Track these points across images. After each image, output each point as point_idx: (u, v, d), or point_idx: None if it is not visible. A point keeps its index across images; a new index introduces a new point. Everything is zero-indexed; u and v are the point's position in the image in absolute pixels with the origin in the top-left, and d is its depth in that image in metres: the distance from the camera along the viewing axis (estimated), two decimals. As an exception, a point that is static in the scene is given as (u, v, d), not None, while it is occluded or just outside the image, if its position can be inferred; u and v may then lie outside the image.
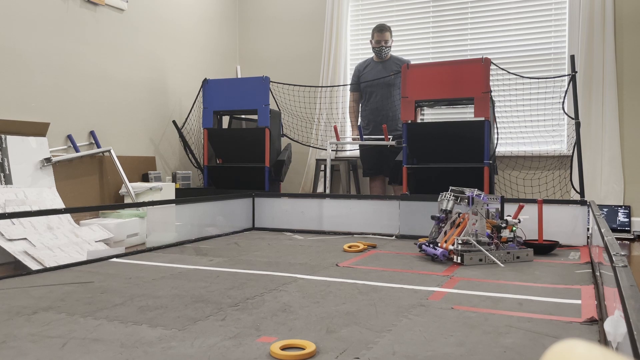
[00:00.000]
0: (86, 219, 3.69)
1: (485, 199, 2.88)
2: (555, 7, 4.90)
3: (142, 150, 4.82)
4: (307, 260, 2.91)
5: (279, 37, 6.00)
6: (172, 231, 3.57)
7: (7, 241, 2.89)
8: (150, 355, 1.45)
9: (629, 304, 0.99)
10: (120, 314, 1.84)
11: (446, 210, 2.94)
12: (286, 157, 4.91)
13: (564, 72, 4.81)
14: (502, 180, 4.90)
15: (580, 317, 1.80)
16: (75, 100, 4.15)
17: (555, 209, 3.45)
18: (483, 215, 2.85)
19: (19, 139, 3.58)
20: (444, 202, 2.97)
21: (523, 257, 2.86)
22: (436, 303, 1.98)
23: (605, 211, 4.42)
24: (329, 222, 4.08)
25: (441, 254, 2.80)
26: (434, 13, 5.34)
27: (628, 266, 1.36)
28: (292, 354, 1.42)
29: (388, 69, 4.87)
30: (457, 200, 2.95)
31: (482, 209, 2.85)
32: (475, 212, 2.82)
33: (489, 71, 4.07)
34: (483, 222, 2.85)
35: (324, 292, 2.15)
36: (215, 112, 4.98)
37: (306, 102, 5.60)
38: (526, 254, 2.86)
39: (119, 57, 4.55)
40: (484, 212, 2.87)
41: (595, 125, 4.62)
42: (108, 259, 2.96)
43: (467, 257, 2.75)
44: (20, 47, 3.73)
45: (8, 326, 1.71)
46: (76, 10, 4.15)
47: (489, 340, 1.56)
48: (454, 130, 4.23)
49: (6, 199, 3.19)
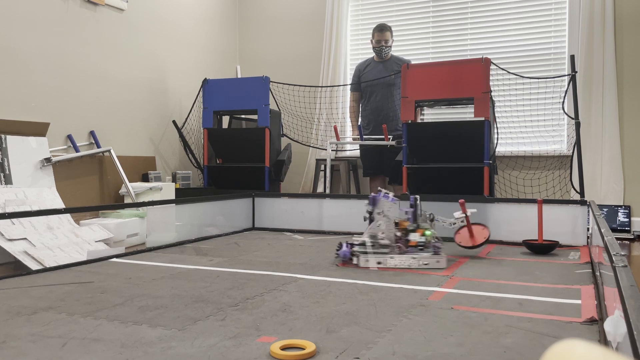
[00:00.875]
0: (86, 219, 3.69)
1: (394, 200, 2.82)
2: (555, 7, 4.90)
3: (142, 150, 4.82)
4: (307, 260, 2.91)
5: (279, 37, 6.00)
6: (172, 231, 3.57)
7: (7, 241, 2.89)
8: (150, 355, 1.45)
9: (629, 304, 0.99)
10: (120, 314, 1.84)
11: (369, 211, 2.87)
12: (286, 157, 4.91)
13: (564, 72, 4.81)
14: (502, 180, 4.90)
15: (580, 317, 1.80)
16: (75, 100, 4.15)
17: (555, 209, 3.45)
18: (389, 217, 2.77)
19: (19, 139, 3.58)
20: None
21: (432, 264, 2.67)
22: (436, 303, 1.98)
23: (605, 211, 4.42)
24: (329, 222, 4.08)
25: (342, 253, 2.75)
26: (434, 13, 5.34)
27: (628, 266, 1.36)
28: (292, 354, 1.42)
29: (389, 68, 4.87)
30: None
31: (390, 210, 2.78)
32: (380, 213, 2.77)
33: (489, 71, 4.07)
34: (389, 224, 2.77)
35: (324, 292, 2.15)
36: (215, 112, 4.98)
37: (306, 102, 5.60)
38: (436, 261, 2.68)
39: (119, 57, 4.55)
40: (393, 214, 2.78)
41: (595, 125, 4.62)
42: (108, 259, 2.96)
43: (362, 259, 2.70)
44: (20, 47, 3.73)
45: (8, 326, 1.71)
46: (76, 10, 4.15)
47: (489, 340, 1.56)
48: (454, 130, 4.23)
49: (6, 199, 3.19)
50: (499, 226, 3.58)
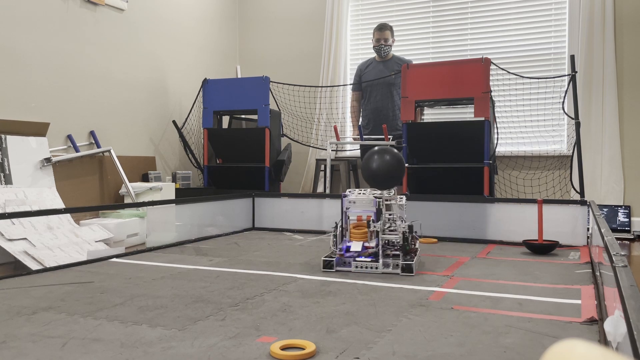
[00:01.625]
0: (86, 219, 3.69)
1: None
2: (555, 7, 4.90)
3: (142, 150, 4.82)
4: (307, 260, 2.91)
5: (279, 37, 6.00)
6: (172, 231, 3.57)
7: (7, 241, 2.90)
8: (150, 355, 1.45)
9: (629, 304, 0.99)
10: (120, 314, 1.84)
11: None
12: (286, 157, 4.91)
13: (564, 72, 4.81)
14: (502, 180, 4.90)
15: (580, 317, 1.80)
16: (75, 100, 4.15)
17: (555, 209, 3.45)
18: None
19: (19, 139, 3.58)
20: None
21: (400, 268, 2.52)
22: (436, 303, 1.98)
23: (605, 211, 4.42)
24: (329, 222, 4.08)
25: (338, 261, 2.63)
26: (434, 13, 5.34)
27: (628, 266, 1.36)
28: (292, 354, 1.42)
29: (389, 68, 4.87)
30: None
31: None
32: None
33: (489, 71, 4.07)
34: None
35: (324, 292, 2.15)
36: (215, 112, 4.98)
37: (306, 102, 5.60)
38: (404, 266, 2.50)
39: (119, 57, 4.55)
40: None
41: (595, 125, 4.62)
42: (108, 259, 2.96)
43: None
44: (20, 47, 3.73)
45: (8, 326, 1.71)
46: (76, 10, 4.15)
47: (489, 340, 1.56)
48: (454, 130, 4.23)
49: (6, 199, 3.19)
50: (499, 226, 3.58)
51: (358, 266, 2.52)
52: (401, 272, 2.47)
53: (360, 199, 2.63)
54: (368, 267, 2.51)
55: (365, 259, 2.52)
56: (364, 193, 2.67)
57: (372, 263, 2.50)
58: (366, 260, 2.51)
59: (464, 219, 3.67)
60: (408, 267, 2.48)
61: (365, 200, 2.62)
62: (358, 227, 2.62)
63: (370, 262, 2.50)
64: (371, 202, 2.61)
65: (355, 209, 2.64)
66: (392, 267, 2.49)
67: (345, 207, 2.67)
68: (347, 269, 2.55)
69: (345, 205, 2.67)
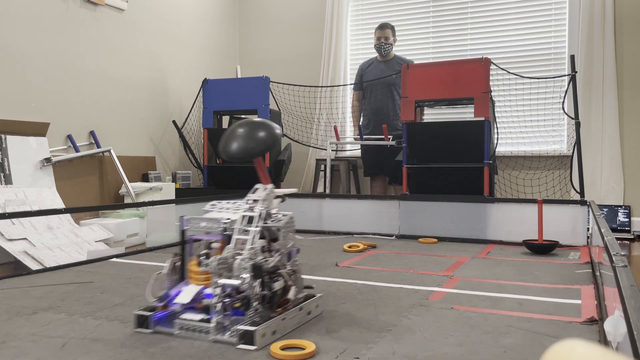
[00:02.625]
0: (86, 219, 3.69)
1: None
2: (555, 7, 4.90)
3: (142, 150, 4.82)
4: (307, 260, 2.91)
5: (279, 37, 6.00)
6: (172, 231, 3.57)
7: (7, 241, 2.89)
8: (150, 355, 1.45)
9: (629, 304, 0.99)
10: (120, 314, 1.84)
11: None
12: (286, 157, 4.91)
13: (564, 72, 4.81)
14: (502, 180, 4.90)
15: (580, 317, 1.80)
16: (75, 100, 4.15)
17: (555, 209, 3.45)
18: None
19: (19, 139, 3.58)
20: None
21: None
22: (436, 303, 1.98)
23: (605, 211, 4.42)
24: (329, 222, 4.08)
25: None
26: (434, 13, 5.34)
27: (628, 266, 1.36)
28: (292, 354, 1.42)
29: (391, 68, 4.87)
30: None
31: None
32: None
33: (489, 71, 4.07)
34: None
35: (324, 292, 2.15)
36: (215, 112, 4.97)
37: (306, 102, 5.60)
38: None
39: (119, 57, 4.55)
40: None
41: (595, 125, 4.62)
42: (108, 259, 2.96)
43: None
44: (20, 47, 3.73)
45: (8, 326, 1.71)
46: (76, 10, 4.15)
47: (489, 340, 1.56)
48: (454, 130, 4.23)
49: (6, 199, 3.19)
50: (499, 226, 3.58)
51: (183, 327, 1.62)
52: (238, 340, 1.53)
53: (212, 218, 1.76)
54: (196, 329, 1.60)
55: (194, 317, 1.62)
56: (235, 203, 1.88)
57: (201, 324, 1.59)
58: (193, 320, 1.61)
59: (464, 219, 3.67)
60: (247, 335, 1.52)
61: (218, 220, 1.75)
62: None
63: (199, 323, 1.60)
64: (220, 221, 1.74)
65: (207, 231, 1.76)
66: (232, 332, 1.56)
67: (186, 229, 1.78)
68: (168, 329, 1.64)
69: (185, 225, 1.79)
